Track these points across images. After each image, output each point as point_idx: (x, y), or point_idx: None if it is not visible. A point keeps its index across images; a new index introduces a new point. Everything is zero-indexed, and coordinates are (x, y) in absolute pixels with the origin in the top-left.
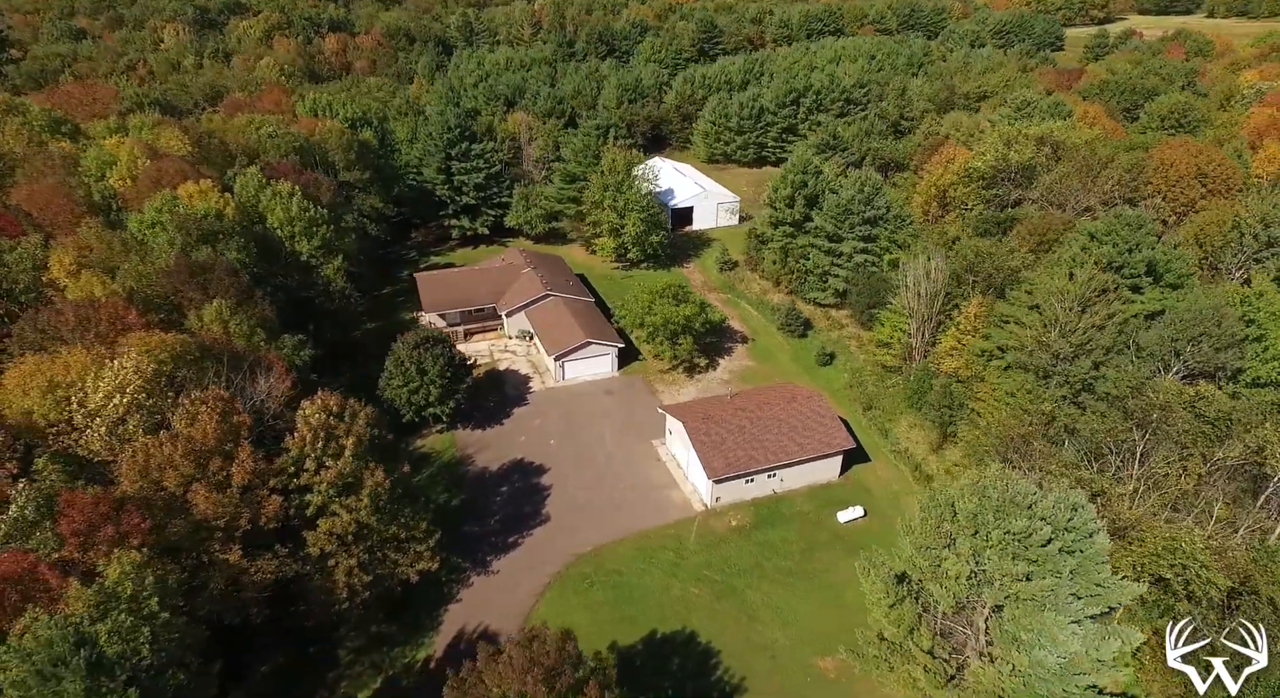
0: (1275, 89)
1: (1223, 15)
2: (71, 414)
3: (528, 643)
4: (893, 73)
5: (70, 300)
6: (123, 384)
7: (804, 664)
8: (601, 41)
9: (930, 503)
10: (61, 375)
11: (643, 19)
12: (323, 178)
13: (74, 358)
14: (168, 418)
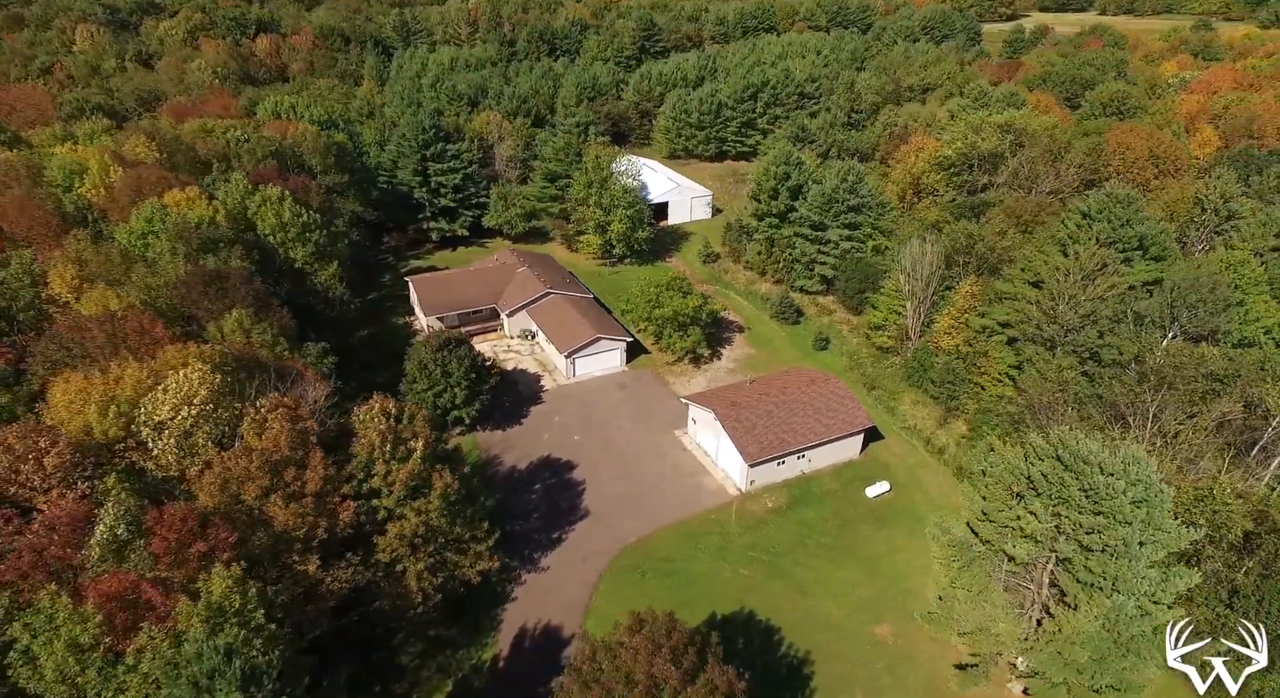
0: (1197, 78)
1: (1113, 13)
2: (138, 429)
3: (638, 627)
4: (840, 67)
5: (90, 316)
6: (189, 396)
7: (862, 633)
8: (543, 40)
9: (999, 469)
10: (115, 391)
11: (580, 18)
12: (310, 182)
13: (127, 373)
14: (233, 429)
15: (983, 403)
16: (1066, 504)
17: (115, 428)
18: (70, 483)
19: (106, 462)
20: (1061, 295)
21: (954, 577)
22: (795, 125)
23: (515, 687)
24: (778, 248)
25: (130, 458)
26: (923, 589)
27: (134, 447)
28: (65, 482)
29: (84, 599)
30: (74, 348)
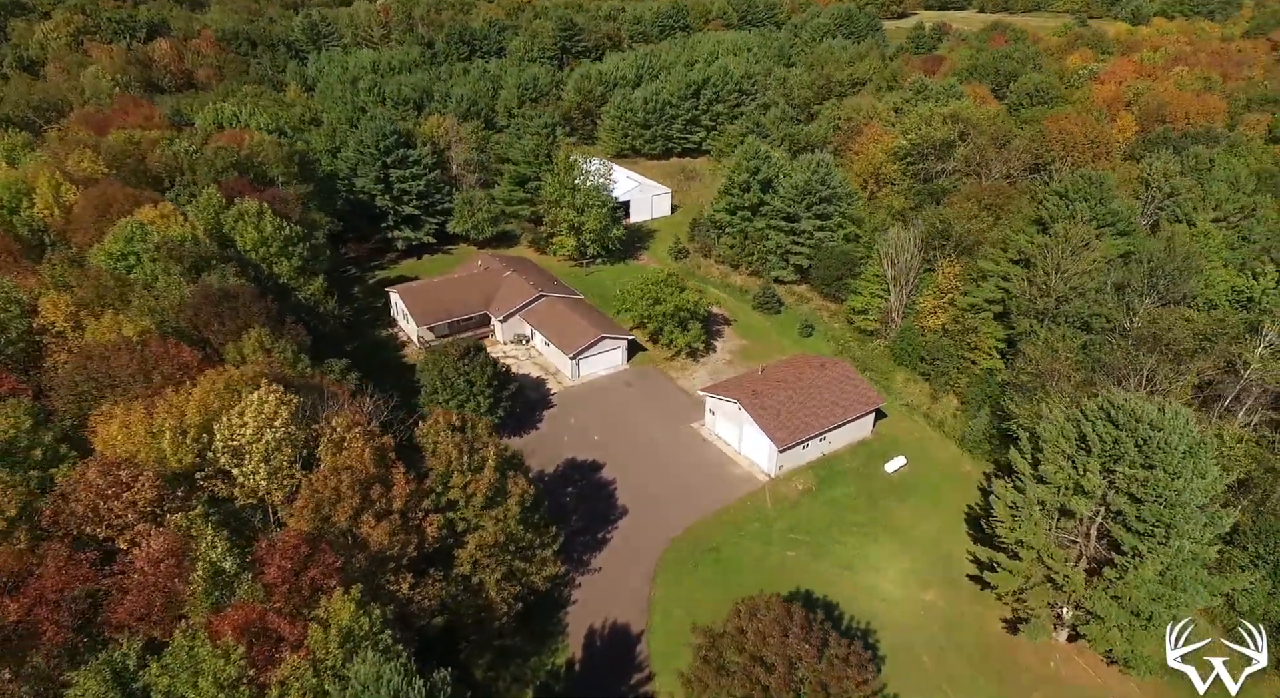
0: (1104, 70)
1: (990, 11)
2: (214, 456)
3: (753, 612)
4: (770, 64)
5: (109, 344)
6: (269, 418)
7: (912, 600)
8: (462, 42)
9: (1052, 432)
10: (183, 419)
11: (497, 18)
12: (288, 193)
13: (193, 399)
14: (311, 450)
15: (974, 377)
16: (1120, 460)
17: (190, 456)
18: (157, 517)
19: (190, 493)
20: (1053, 269)
21: (1017, 531)
22: (751, 120)
23: (597, 688)
24: (751, 240)
25: (209, 486)
26: (957, 555)
27: (213, 475)
28: (152, 516)
29: (218, 634)
30: (102, 378)
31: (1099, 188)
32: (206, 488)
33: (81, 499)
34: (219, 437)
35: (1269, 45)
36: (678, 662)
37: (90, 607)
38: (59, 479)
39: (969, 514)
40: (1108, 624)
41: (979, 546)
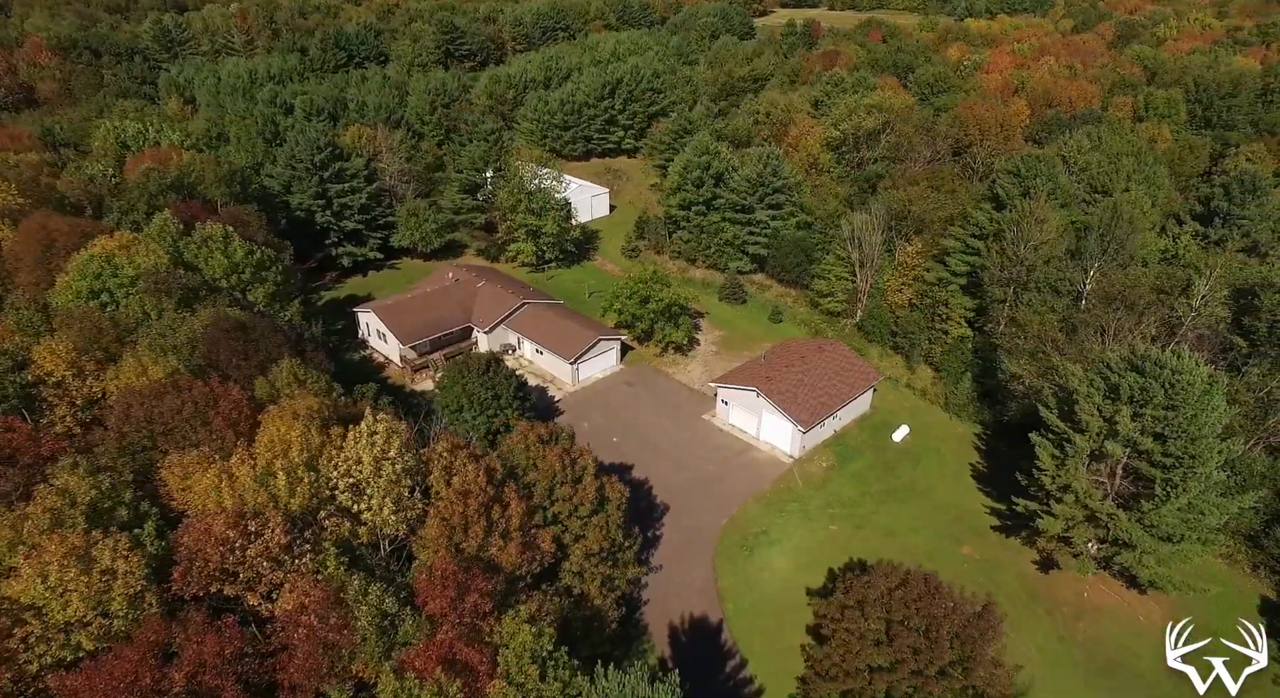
0: (986, 61)
1: (841, 8)
2: (335, 493)
3: (902, 582)
4: (675, 62)
5: (149, 389)
6: (384, 450)
7: (952, 554)
8: (338, 47)
9: (1083, 386)
10: (288, 460)
11: (371, 21)
12: (251, 213)
13: (293, 439)
14: (421, 478)
15: (946, 346)
16: (1148, 404)
17: (305, 497)
18: (289, 564)
19: (317, 534)
20: (1023, 241)
21: (1059, 476)
22: (682, 118)
23: (699, 684)
24: (707, 234)
25: (331, 526)
26: (975, 509)
27: (335, 513)
28: (283, 563)
29: (422, 671)
30: (156, 426)
31: (1049, 166)
32: (330, 528)
33: (211, 555)
34: (334, 473)
35: (1102, 39)
36: (765, 646)
37: (259, 666)
38: (178, 538)
39: (974, 472)
40: (1141, 551)
41: (1019, 498)
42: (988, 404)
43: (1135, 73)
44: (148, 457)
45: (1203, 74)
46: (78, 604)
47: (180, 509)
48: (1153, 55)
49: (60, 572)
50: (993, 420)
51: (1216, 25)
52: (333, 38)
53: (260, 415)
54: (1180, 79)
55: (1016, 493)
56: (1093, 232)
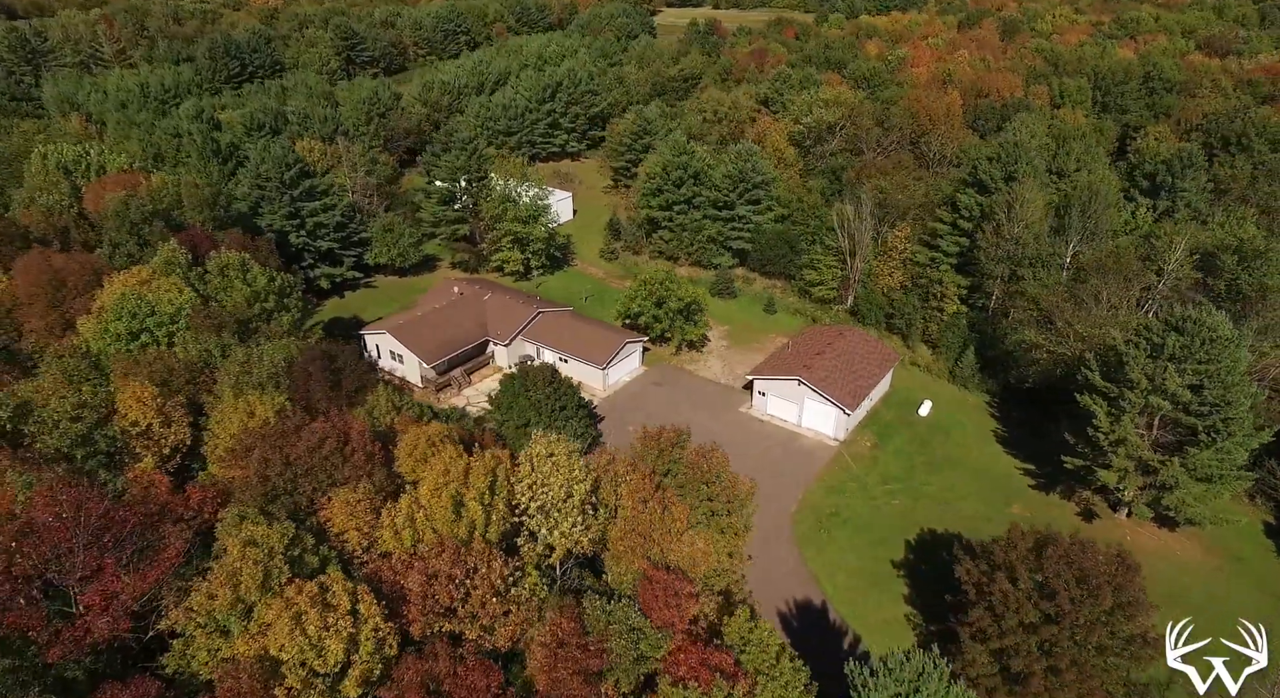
0: (909, 56)
1: (725, 7)
2: (520, 518)
3: (1047, 542)
4: (604, 65)
5: (279, 428)
6: (571, 470)
7: (1005, 515)
8: (229, 55)
9: (1133, 350)
10: (474, 488)
11: (261, 29)
12: (260, 239)
13: (475, 466)
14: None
15: (942, 324)
16: (1188, 359)
17: (498, 527)
18: (508, 595)
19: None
20: (1016, 220)
21: (1115, 431)
22: (641, 117)
23: (823, 663)
24: (689, 232)
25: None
26: (1008, 472)
27: (528, 539)
28: (503, 595)
29: (686, 680)
30: (299, 469)
31: (1024, 151)
32: (525, 553)
33: (441, 595)
34: (524, 498)
35: (994, 34)
36: (871, 620)
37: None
38: (397, 579)
39: (997, 437)
40: (1184, 492)
41: (1070, 456)
42: (989, 374)
43: (1040, 64)
44: (292, 500)
45: (1099, 64)
46: (337, 650)
47: (351, 549)
48: (1050, 48)
49: (318, 619)
50: (999, 389)
51: (1081, 20)
52: (222, 46)
53: (391, 447)
54: (1080, 69)
55: (1045, 453)
56: (1073, 208)
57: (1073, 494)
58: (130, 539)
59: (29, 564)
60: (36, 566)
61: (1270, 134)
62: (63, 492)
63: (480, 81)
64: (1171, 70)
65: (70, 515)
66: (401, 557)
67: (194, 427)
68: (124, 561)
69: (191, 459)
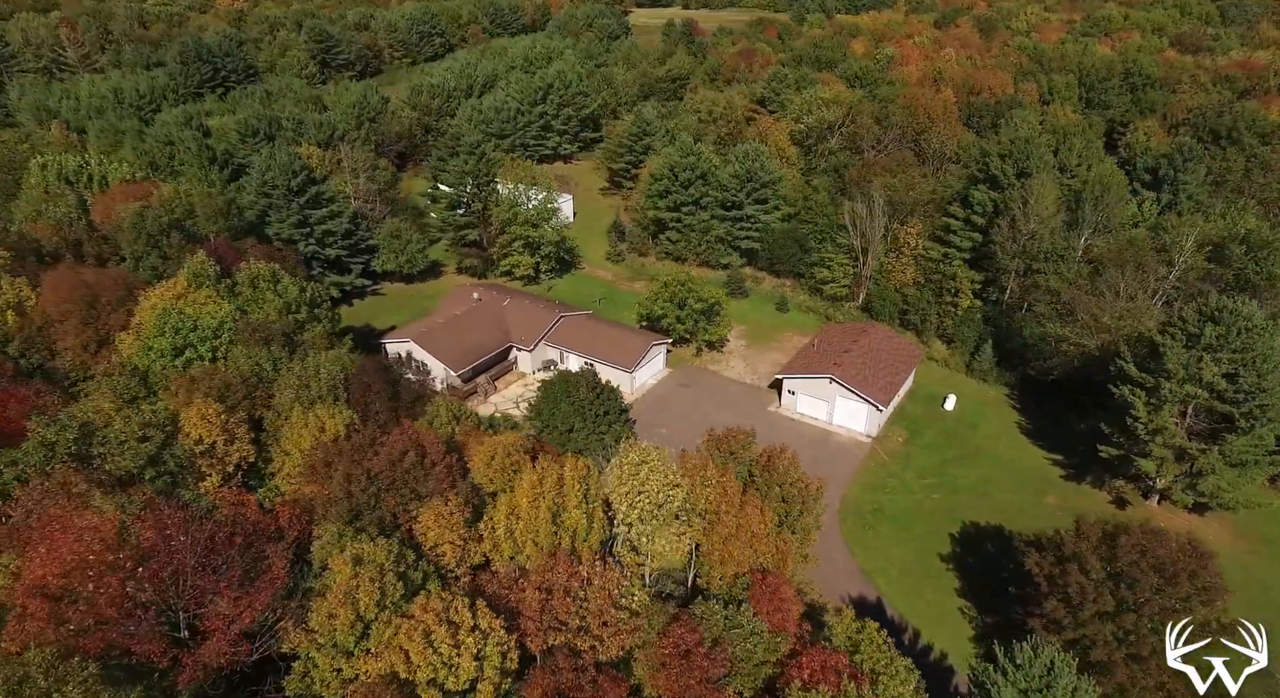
0: (896, 54)
1: (695, 7)
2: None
3: (1121, 531)
4: (592, 66)
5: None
6: (666, 476)
7: (1040, 506)
8: (200, 59)
9: (1170, 341)
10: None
11: (232, 32)
12: (288, 248)
13: (567, 473)
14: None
15: (957, 319)
16: (1224, 348)
17: (598, 535)
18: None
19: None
20: (1033, 216)
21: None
22: (640, 119)
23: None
24: (696, 233)
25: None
26: (1038, 464)
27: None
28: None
29: (814, 683)
30: (382, 485)
31: (1036, 147)
32: (627, 563)
33: (559, 608)
34: (622, 506)
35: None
36: (927, 614)
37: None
38: (518, 595)
39: (1021, 429)
40: (1218, 478)
41: (1106, 446)
42: (1006, 367)
43: (1025, 62)
44: (377, 515)
45: (1082, 61)
46: (469, 667)
47: (445, 563)
48: (1033, 46)
49: (448, 636)
50: (1017, 381)
51: (1053, 19)
52: (193, 50)
53: (460, 458)
54: (1065, 66)
55: (1069, 443)
56: (1086, 202)
57: (1102, 484)
58: (237, 560)
59: (150, 589)
60: (155, 590)
61: (1259, 127)
62: (168, 514)
63: (469, 84)
64: (1151, 67)
65: (180, 538)
66: (506, 569)
67: (254, 443)
68: (234, 582)
69: (248, 476)
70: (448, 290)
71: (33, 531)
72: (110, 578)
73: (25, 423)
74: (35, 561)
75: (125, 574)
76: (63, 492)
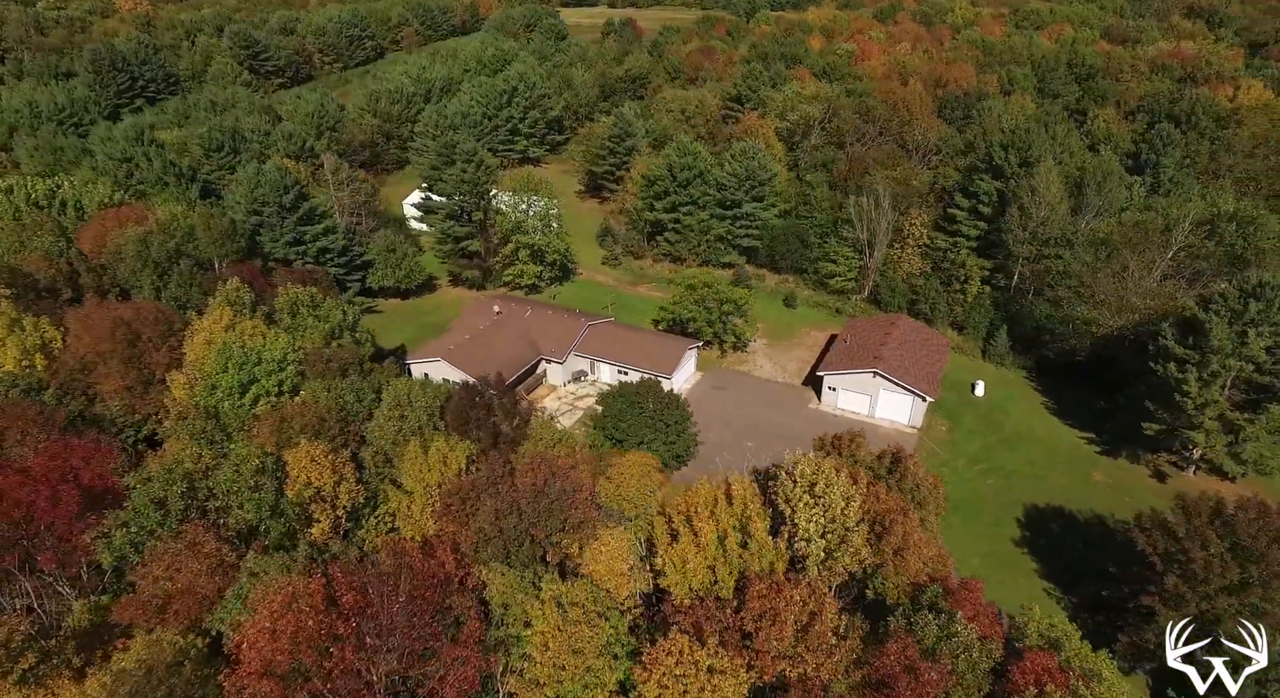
0: (856, 50)
1: (622, 5)
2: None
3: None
4: (549, 68)
5: (484, 480)
6: (845, 489)
7: (1088, 483)
8: (114, 68)
9: (1215, 318)
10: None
11: (145, 38)
12: (319, 270)
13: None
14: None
15: (966, 305)
16: (1264, 323)
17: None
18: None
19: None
20: (1043, 204)
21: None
22: (621, 120)
23: None
24: (695, 232)
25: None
26: (1073, 442)
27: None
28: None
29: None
30: (534, 514)
31: (1038, 138)
32: (822, 578)
33: (782, 636)
34: (803, 520)
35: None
36: (1013, 599)
37: None
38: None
39: (1050, 409)
40: (1261, 445)
41: (1149, 421)
42: (1020, 350)
43: (979, 55)
44: (529, 550)
45: (1031, 53)
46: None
47: (619, 596)
48: (981, 39)
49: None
50: (1032, 364)
51: (984, 14)
52: (106, 58)
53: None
54: (1015, 58)
55: (1095, 421)
56: (1088, 187)
57: (1137, 458)
58: (437, 613)
59: (383, 659)
60: (379, 655)
61: (1215, 111)
62: (356, 572)
63: (427, 89)
64: (1092, 57)
65: (386, 595)
66: (685, 598)
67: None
68: (444, 637)
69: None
70: (446, 304)
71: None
72: (343, 648)
73: (113, 479)
74: (255, 636)
75: (347, 642)
76: (191, 552)
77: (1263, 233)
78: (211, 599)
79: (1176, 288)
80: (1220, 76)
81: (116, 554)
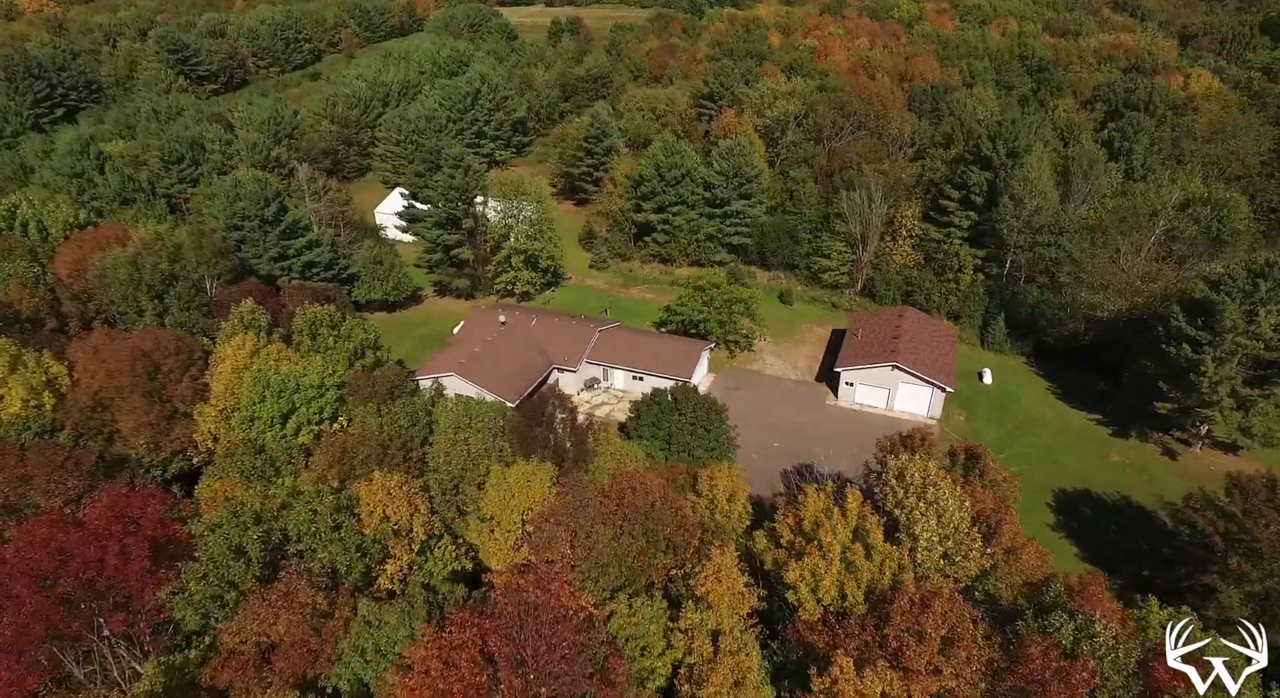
0: (813, 46)
1: (560, 4)
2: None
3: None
4: (509, 69)
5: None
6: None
7: (1105, 464)
8: (31, 76)
9: (1225, 299)
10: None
11: (58, 43)
12: (333, 287)
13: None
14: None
15: (960, 295)
16: (1271, 301)
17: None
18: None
19: None
20: (1036, 193)
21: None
22: (597, 120)
23: None
24: (684, 232)
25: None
26: (1085, 425)
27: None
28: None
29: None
30: (641, 541)
31: (1020, 126)
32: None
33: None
34: (923, 532)
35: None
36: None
37: None
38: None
39: (1055, 394)
40: (1267, 419)
41: (1161, 402)
42: (1016, 337)
43: (938, 49)
44: (648, 577)
45: (985, 47)
46: None
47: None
48: (936, 33)
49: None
50: (1030, 350)
51: (927, 8)
52: (20, 64)
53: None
54: (970, 52)
55: (1099, 402)
56: (1075, 175)
57: (1147, 437)
58: (580, 653)
59: None
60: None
61: (1170, 99)
62: (476, 622)
63: (385, 92)
64: (1041, 50)
65: (534, 639)
66: (814, 616)
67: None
68: (594, 678)
69: None
70: (435, 316)
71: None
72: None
73: (174, 527)
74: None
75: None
76: (285, 603)
77: (1235, 214)
78: (316, 653)
79: (1166, 269)
80: (1166, 67)
81: (200, 611)
